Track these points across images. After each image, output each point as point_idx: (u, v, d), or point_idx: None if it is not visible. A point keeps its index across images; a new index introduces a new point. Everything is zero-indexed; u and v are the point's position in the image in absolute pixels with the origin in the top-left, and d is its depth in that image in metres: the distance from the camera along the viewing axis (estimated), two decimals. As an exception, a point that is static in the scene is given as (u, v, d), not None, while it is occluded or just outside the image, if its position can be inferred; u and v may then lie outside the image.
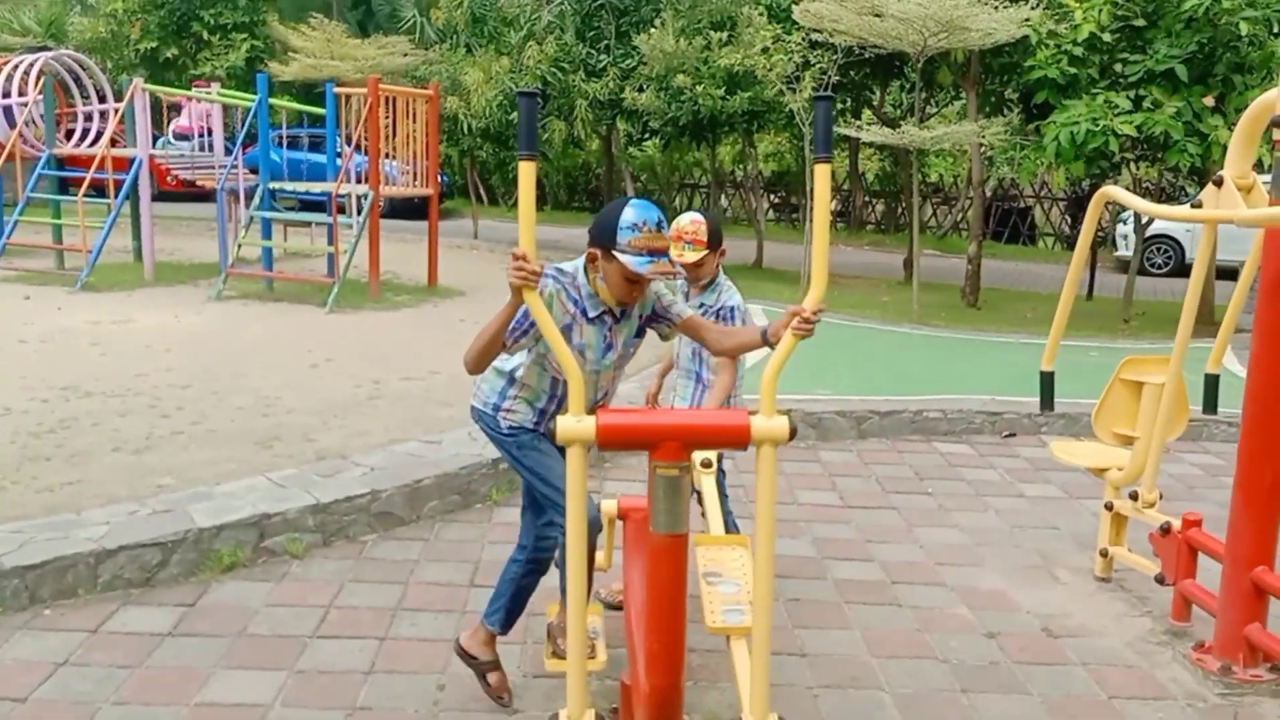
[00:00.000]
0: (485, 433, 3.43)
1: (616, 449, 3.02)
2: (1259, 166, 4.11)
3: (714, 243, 3.92)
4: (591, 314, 3.16)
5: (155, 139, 13.09)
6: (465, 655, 3.45)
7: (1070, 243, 20.77)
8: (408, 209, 19.09)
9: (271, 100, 11.82)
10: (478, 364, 3.10)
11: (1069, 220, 22.47)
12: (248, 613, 3.98)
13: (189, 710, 3.32)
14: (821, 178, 2.63)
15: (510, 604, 3.44)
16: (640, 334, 3.32)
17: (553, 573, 3.75)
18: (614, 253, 2.98)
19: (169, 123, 15.64)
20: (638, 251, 2.95)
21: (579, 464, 2.61)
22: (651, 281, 3.06)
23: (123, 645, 3.70)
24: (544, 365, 3.26)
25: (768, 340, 2.95)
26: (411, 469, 5.16)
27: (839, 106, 15.10)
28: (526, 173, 2.73)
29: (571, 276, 3.17)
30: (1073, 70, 10.40)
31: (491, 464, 5.37)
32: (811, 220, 13.82)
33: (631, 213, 2.99)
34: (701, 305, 3.94)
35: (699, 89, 13.33)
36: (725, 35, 13.44)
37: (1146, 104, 9.94)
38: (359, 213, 11.22)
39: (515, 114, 15.13)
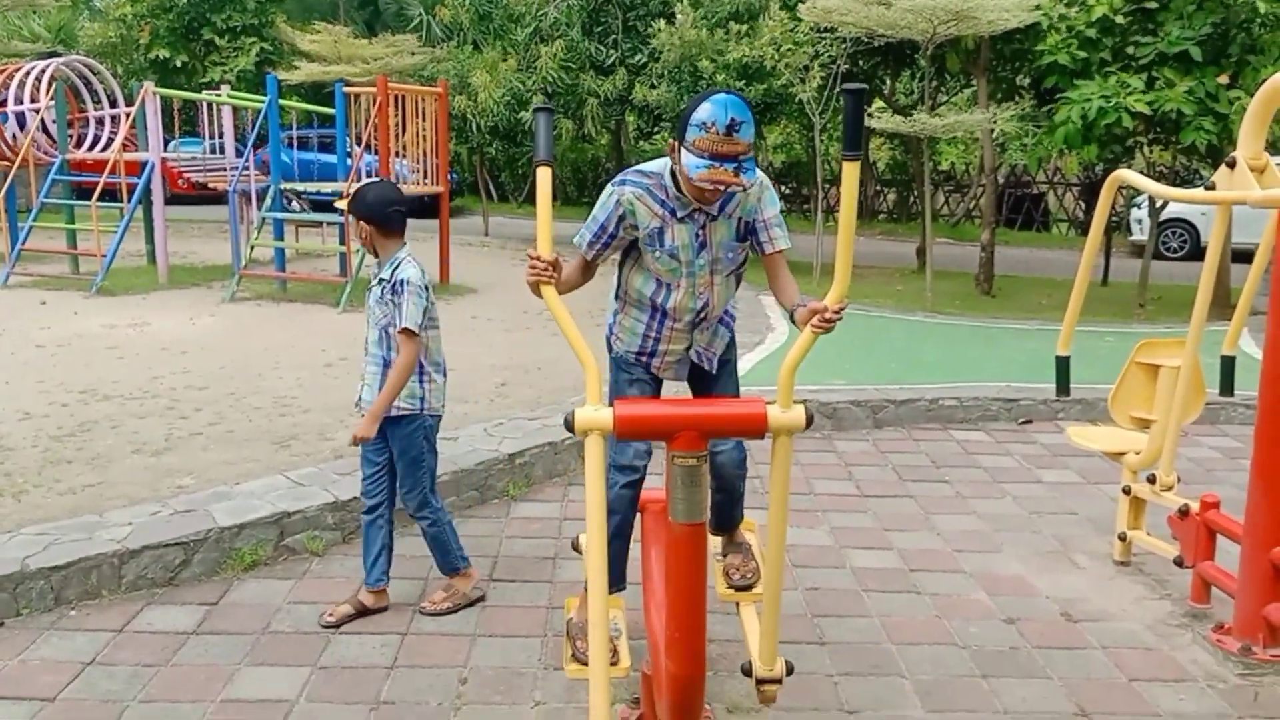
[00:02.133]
0: None
1: (634, 439, 3.03)
2: (1270, 148, 4.09)
3: None
4: (681, 212, 3.06)
5: (167, 143, 13.15)
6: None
7: (1084, 228, 20.67)
8: (418, 207, 19.15)
9: (281, 101, 11.86)
10: (579, 283, 3.19)
11: (1083, 206, 22.35)
12: (270, 610, 4.02)
13: (215, 707, 3.35)
14: (850, 176, 2.46)
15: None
16: (744, 240, 3.15)
17: (573, 566, 3.79)
18: (681, 148, 2.86)
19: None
20: (699, 153, 2.77)
21: (597, 454, 2.62)
22: (725, 190, 2.88)
23: (148, 644, 3.74)
24: (644, 267, 3.16)
25: (793, 319, 2.88)
26: (429, 465, 5.17)
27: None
28: (544, 178, 2.73)
29: (658, 177, 3.06)
30: (1083, 55, 10.34)
31: (508, 459, 5.39)
32: (822, 211, 13.80)
33: (706, 109, 2.77)
34: (379, 280, 3.95)
35: (718, 79, 13.30)
36: (745, 27, 13.42)
37: (1160, 85, 9.87)
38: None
39: (523, 113, 15.14)
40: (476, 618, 4.02)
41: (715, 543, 3.53)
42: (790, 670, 2.88)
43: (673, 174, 3.05)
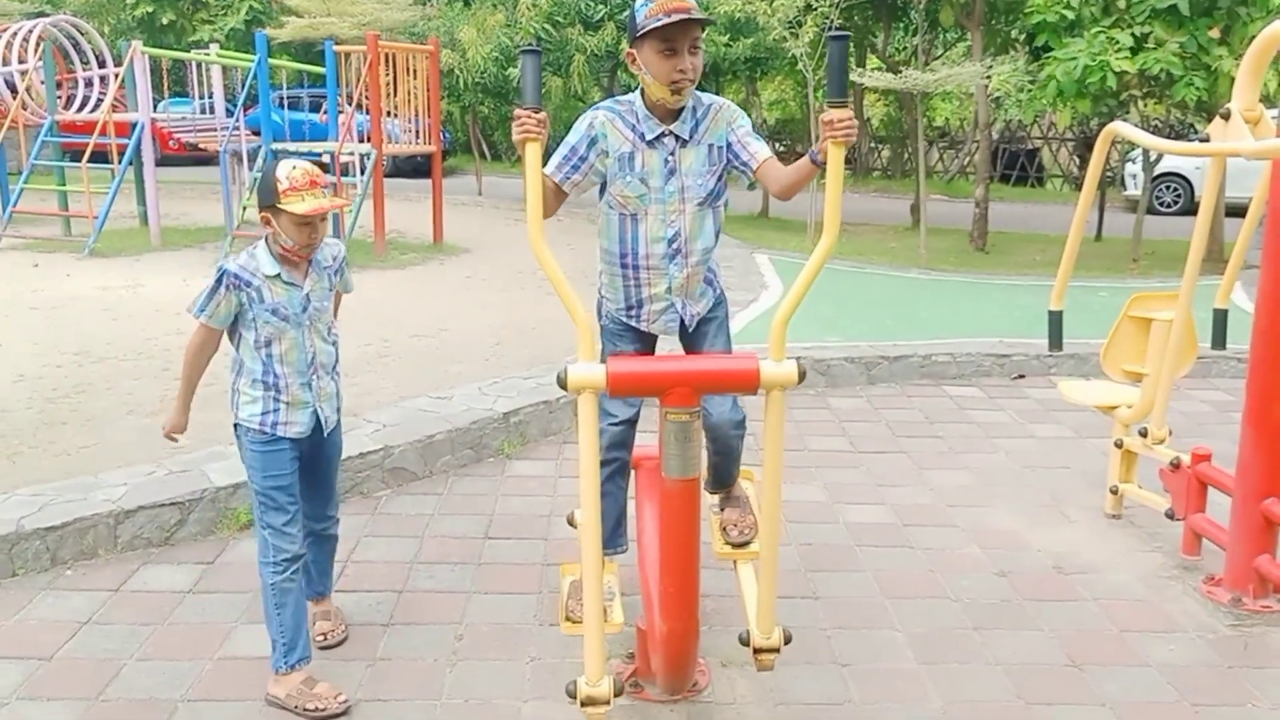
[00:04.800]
0: None
1: (627, 395, 3.03)
2: (1266, 100, 4.06)
3: None
4: (650, 136, 3.07)
5: (156, 103, 13.03)
6: None
7: (1079, 183, 20.60)
8: (411, 168, 19.02)
9: (271, 61, 11.74)
10: (548, 211, 3.04)
11: (1077, 161, 22.27)
12: (267, 569, 4.03)
13: (212, 664, 3.37)
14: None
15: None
16: (717, 164, 3.14)
17: (570, 529, 3.80)
18: (641, 35, 2.93)
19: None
20: (655, 17, 2.88)
21: (591, 412, 2.62)
22: (684, 82, 2.93)
23: (145, 603, 3.76)
24: (609, 204, 3.15)
25: (815, 160, 2.80)
26: (423, 425, 5.19)
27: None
28: (532, 155, 2.67)
29: (629, 104, 3.11)
30: (1070, 14, 10.22)
31: (503, 418, 5.40)
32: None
33: None
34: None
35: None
36: None
37: (1150, 41, 9.78)
38: (362, 172, 11.19)
39: (511, 69, 14.99)
40: (473, 575, 4.04)
41: (711, 496, 3.53)
42: (789, 639, 2.87)
43: (643, 94, 3.07)
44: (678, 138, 3.09)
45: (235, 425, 3.21)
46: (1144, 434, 4.54)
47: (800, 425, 5.94)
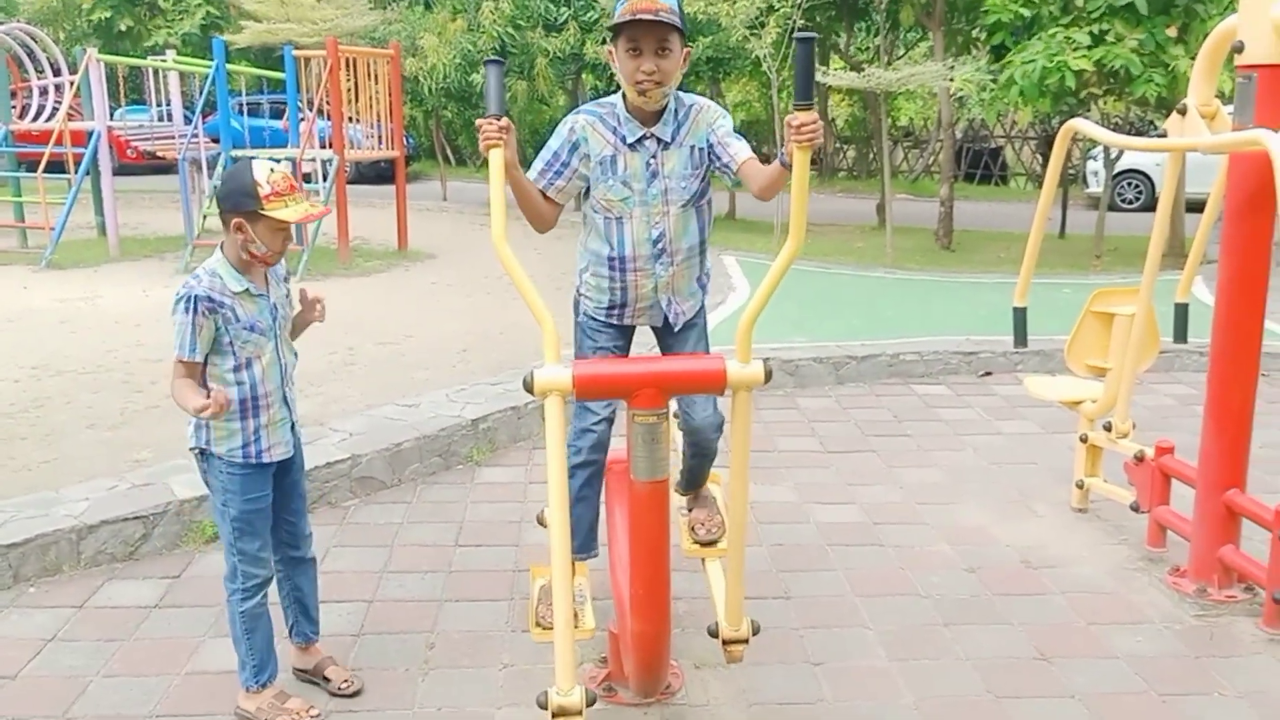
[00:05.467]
0: None
1: (594, 398, 3.02)
2: (1222, 96, 4.12)
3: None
4: (631, 139, 3.08)
5: (113, 111, 12.86)
6: None
7: (1041, 181, 20.81)
8: (375, 174, 18.91)
9: (229, 66, 11.63)
10: (535, 224, 3.13)
11: (1040, 159, 22.49)
12: (234, 581, 3.97)
13: (180, 679, 3.33)
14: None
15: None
16: (699, 168, 3.15)
17: (540, 530, 3.77)
18: (614, 33, 2.95)
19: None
20: (624, 15, 2.90)
21: (557, 415, 2.61)
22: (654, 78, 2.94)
23: (110, 619, 3.70)
24: (593, 208, 3.16)
25: (785, 163, 2.75)
26: (390, 433, 5.15)
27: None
28: (496, 161, 2.67)
29: (610, 106, 3.12)
30: (1027, 13, 10.32)
31: (471, 424, 5.37)
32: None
33: None
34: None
35: None
36: None
37: (1109, 38, 9.90)
38: (324, 179, 11.10)
39: (474, 75, 14.93)
40: (444, 583, 4.01)
41: (680, 497, 3.56)
42: (756, 630, 2.93)
43: (624, 96, 3.08)
44: (659, 140, 3.10)
45: (203, 452, 3.03)
46: (1108, 428, 4.59)
47: (769, 426, 5.95)
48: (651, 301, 3.26)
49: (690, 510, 3.54)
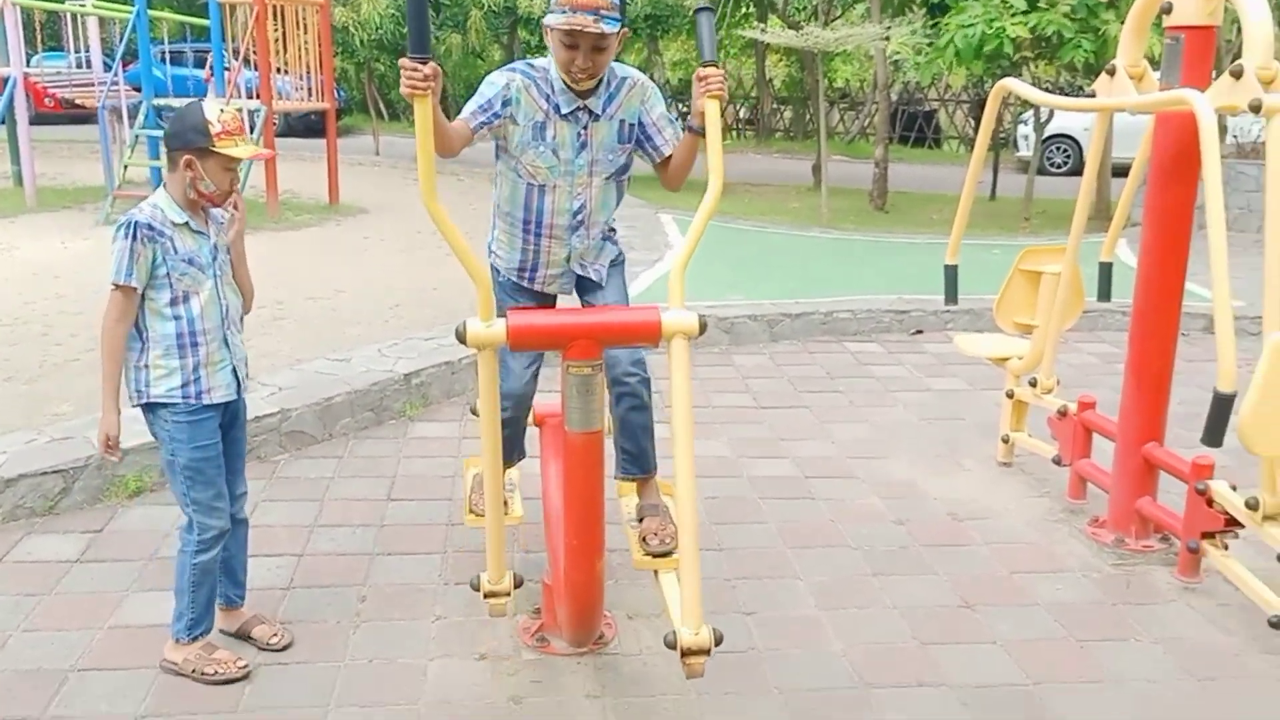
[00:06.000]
0: None
1: (528, 349, 3.00)
2: (1152, 60, 4.18)
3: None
4: (565, 109, 3.06)
5: (29, 57, 12.37)
6: None
7: (974, 144, 21.05)
8: (304, 126, 18.48)
9: (151, 13, 11.23)
10: (441, 150, 2.85)
11: (972, 122, 22.74)
12: (158, 536, 3.90)
13: (103, 634, 3.26)
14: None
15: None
16: (627, 143, 3.16)
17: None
18: (549, 16, 2.93)
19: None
20: (560, 8, 2.87)
21: (491, 366, 2.60)
22: (589, 68, 2.94)
23: (30, 574, 3.61)
24: (515, 171, 3.13)
25: (694, 128, 2.99)
26: (321, 387, 5.08)
27: (743, 10, 14.95)
28: (422, 111, 2.50)
29: (544, 71, 3.08)
30: None
31: (404, 379, 5.31)
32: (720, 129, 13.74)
33: None
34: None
35: None
36: None
37: (1043, 3, 10.00)
38: (252, 130, 10.81)
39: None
40: (375, 537, 3.98)
41: (630, 506, 3.39)
42: (719, 640, 2.59)
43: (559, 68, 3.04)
44: (590, 112, 3.08)
45: (145, 406, 2.98)
46: (1034, 384, 4.68)
47: (704, 382, 5.98)
48: (563, 270, 3.29)
49: (640, 520, 3.32)
